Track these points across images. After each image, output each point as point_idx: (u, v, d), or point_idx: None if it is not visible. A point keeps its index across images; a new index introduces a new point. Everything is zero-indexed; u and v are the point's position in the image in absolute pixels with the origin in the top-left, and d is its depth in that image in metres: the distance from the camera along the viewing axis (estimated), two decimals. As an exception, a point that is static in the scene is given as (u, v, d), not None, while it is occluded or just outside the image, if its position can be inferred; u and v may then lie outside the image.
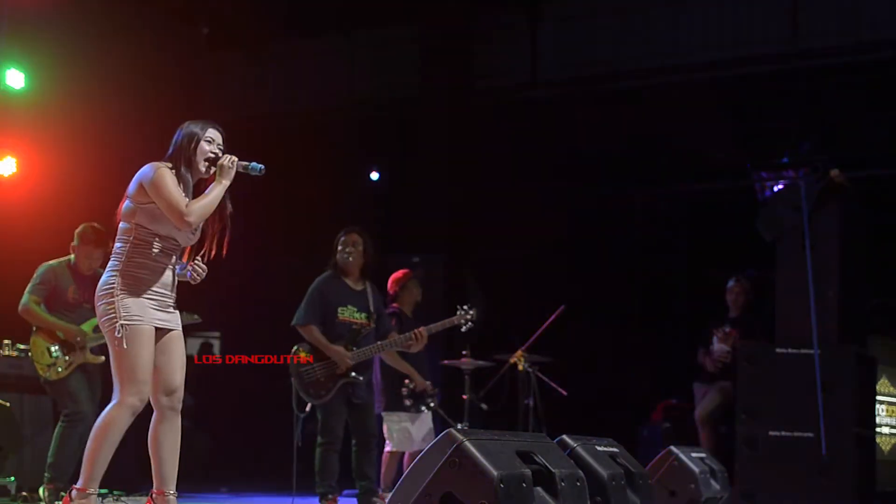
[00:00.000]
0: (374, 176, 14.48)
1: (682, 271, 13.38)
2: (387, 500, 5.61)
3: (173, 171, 5.63)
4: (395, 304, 8.98)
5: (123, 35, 12.68)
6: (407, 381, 8.75)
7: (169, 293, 5.67)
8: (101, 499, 8.31)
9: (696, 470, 7.22)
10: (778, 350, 9.23)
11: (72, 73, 11.35)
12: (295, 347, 8.12)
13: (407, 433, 8.76)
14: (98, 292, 5.55)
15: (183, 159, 5.70)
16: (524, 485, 4.50)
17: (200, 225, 5.77)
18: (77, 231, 8.14)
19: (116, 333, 5.43)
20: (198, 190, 5.76)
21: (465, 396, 9.15)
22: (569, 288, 11.94)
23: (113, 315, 5.45)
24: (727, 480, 7.92)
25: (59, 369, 7.86)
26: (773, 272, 9.67)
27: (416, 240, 12.83)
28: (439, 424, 8.92)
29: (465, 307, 8.43)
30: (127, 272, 5.51)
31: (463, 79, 13.83)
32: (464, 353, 9.12)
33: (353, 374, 7.97)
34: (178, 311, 5.78)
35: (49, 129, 11.02)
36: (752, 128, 12.62)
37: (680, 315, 12.38)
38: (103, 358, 7.96)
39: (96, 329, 8.05)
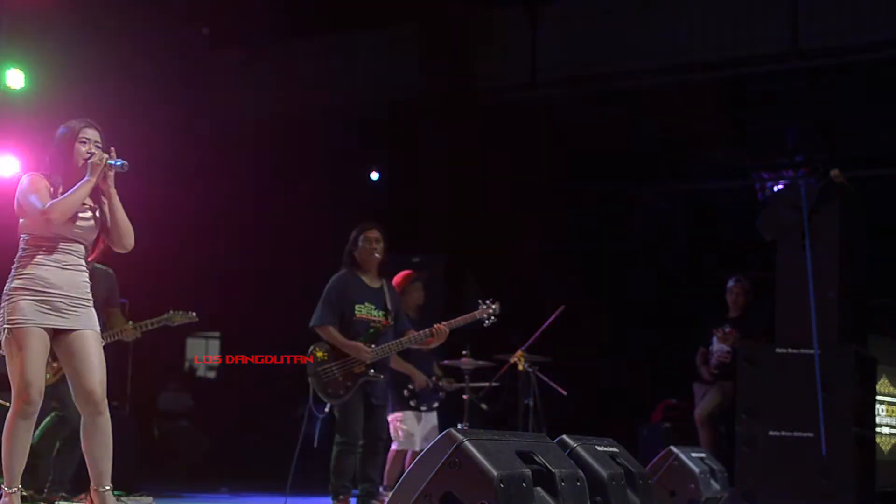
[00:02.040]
0: (375, 176, 14.49)
1: (681, 271, 13.38)
2: (386, 501, 5.61)
3: (48, 176, 5.69)
4: None
5: (124, 35, 12.69)
6: (410, 380, 8.76)
7: (72, 294, 5.62)
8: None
9: (697, 470, 7.22)
10: (778, 350, 9.22)
11: (72, 73, 11.36)
12: (311, 347, 7.95)
13: (412, 432, 8.77)
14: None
15: (60, 162, 5.75)
16: (524, 485, 4.49)
17: (93, 221, 5.76)
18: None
19: (3, 335, 5.51)
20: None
21: (465, 396, 9.14)
22: (569, 287, 11.95)
23: (1, 320, 5.53)
24: (727, 480, 7.93)
25: (48, 375, 7.84)
26: (772, 272, 9.66)
27: (416, 240, 12.83)
28: (444, 423, 8.91)
29: (487, 301, 8.32)
30: (20, 276, 5.56)
31: (463, 79, 13.85)
32: (464, 352, 9.11)
33: (373, 371, 7.84)
34: (88, 311, 5.71)
35: (49, 129, 11.00)
36: (752, 127, 12.63)
37: (680, 315, 12.37)
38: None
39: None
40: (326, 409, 7.97)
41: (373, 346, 7.86)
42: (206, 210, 14.09)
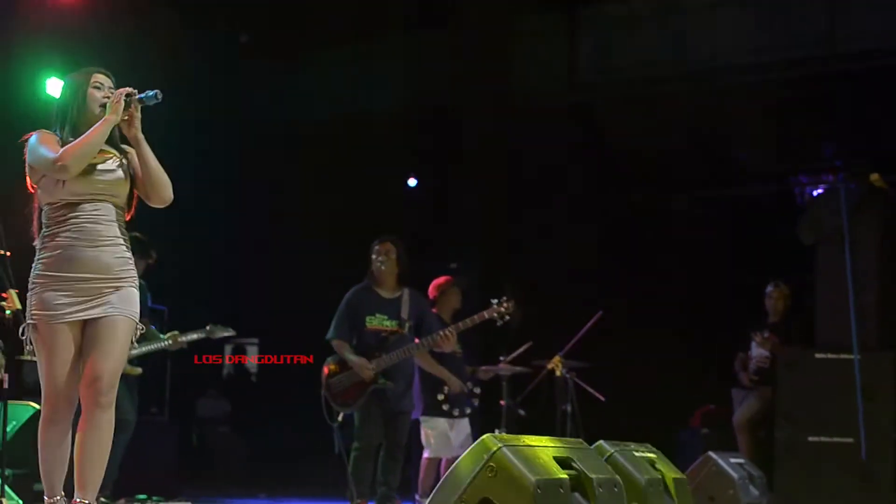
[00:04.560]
0: (412, 182, 14.50)
1: (720, 276, 13.31)
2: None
3: (60, 133, 5.01)
4: (433, 310, 8.99)
5: (161, 43, 12.76)
6: (444, 385, 8.75)
7: (102, 276, 4.92)
8: (140, 504, 8.37)
9: (735, 476, 7.18)
10: (817, 355, 9.16)
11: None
12: (327, 360, 8.26)
13: (445, 438, 8.76)
14: None
15: (73, 116, 5.05)
16: (561, 491, 4.48)
17: (120, 171, 5.05)
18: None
19: (21, 334, 4.99)
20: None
21: (502, 402, 9.15)
22: (606, 293, 11.92)
23: (27, 313, 4.97)
24: (766, 486, 7.88)
25: None
26: (812, 277, 9.61)
27: (453, 246, 12.84)
28: (477, 430, 8.91)
29: (498, 299, 8.37)
30: (43, 260, 4.94)
31: (500, 84, 13.84)
32: (501, 358, 9.13)
33: (382, 380, 8.04)
34: (123, 293, 5.01)
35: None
36: (791, 131, 12.55)
37: (718, 320, 12.31)
38: (140, 370, 8.02)
39: (138, 339, 8.08)
40: (340, 419, 8.15)
41: (383, 355, 8.04)
42: (243, 216, 14.14)
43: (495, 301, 8.34)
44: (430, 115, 14.19)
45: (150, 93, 5.02)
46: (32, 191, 5.05)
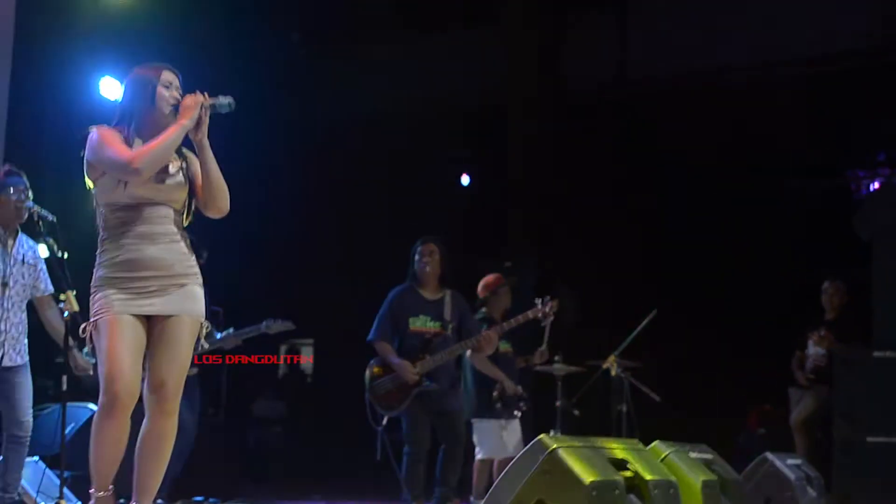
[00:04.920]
0: (465, 180, 14.50)
1: (776, 273, 13.20)
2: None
3: (125, 131, 4.89)
4: (483, 309, 8.97)
5: (216, 42, 12.85)
6: (497, 385, 8.73)
7: (164, 273, 4.85)
8: (196, 505, 8.43)
9: (793, 477, 7.12)
10: (875, 354, 9.05)
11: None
12: (370, 362, 8.22)
13: (497, 440, 8.74)
14: None
15: (139, 114, 4.92)
16: (617, 492, 4.47)
17: (181, 177, 4.96)
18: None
19: (82, 333, 4.87)
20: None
21: (557, 403, 9.13)
22: (661, 291, 11.86)
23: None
24: (824, 487, 7.81)
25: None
26: (869, 272, 9.50)
27: (507, 244, 12.82)
28: (531, 431, 8.89)
29: (542, 299, 8.35)
30: (104, 263, 4.84)
31: (552, 79, 13.82)
32: (556, 358, 9.11)
33: (427, 382, 8.01)
34: (186, 290, 4.97)
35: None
36: (847, 125, 12.43)
37: (774, 318, 12.21)
38: (196, 370, 8.06)
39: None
40: (384, 422, 8.13)
41: (427, 356, 8.01)
42: (298, 215, 14.20)
43: (539, 301, 8.32)
44: (481, 112, 14.19)
45: (225, 101, 4.97)
46: (91, 187, 4.93)
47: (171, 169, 4.90)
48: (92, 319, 4.80)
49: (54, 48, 11.19)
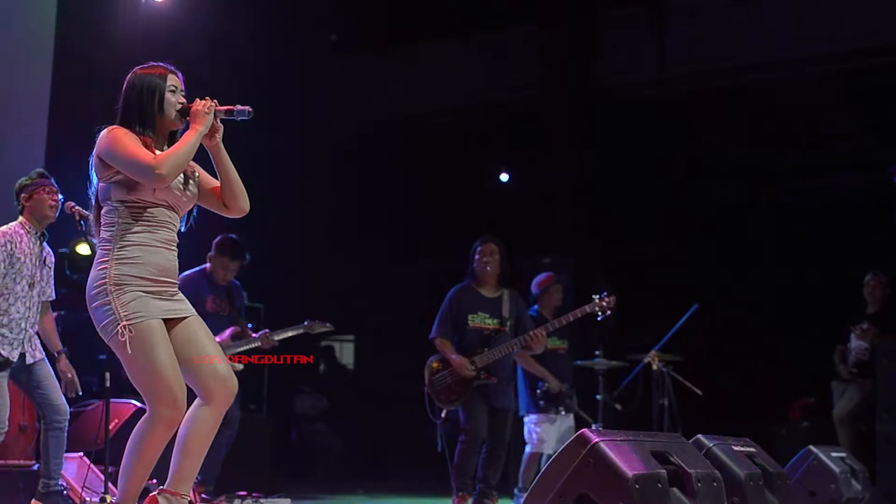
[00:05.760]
0: (504, 177, 14.50)
1: (818, 266, 13.13)
2: (522, 502, 5.62)
3: (139, 134, 4.80)
4: (535, 307, 9.02)
5: (253, 41, 12.90)
6: (542, 383, 8.78)
7: (172, 280, 4.83)
8: (240, 500, 8.47)
9: (837, 470, 7.09)
10: (919, 345, 8.99)
11: (201, 79, 11.57)
12: (430, 358, 8.32)
13: (546, 435, 8.79)
14: (89, 291, 4.76)
15: (145, 120, 4.84)
16: (660, 485, 4.46)
17: (197, 188, 4.95)
18: (216, 242, 8.29)
19: (120, 337, 4.62)
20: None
21: (598, 397, 9.14)
22: (701, 286, 11.83)
23: (112, 316, 4.65)
24: (868, 480, 7.77)
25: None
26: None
27: (545, 240, 12.81)
28: (581, 426, 8.91)
29: (599, 294, 8.38)
30: (126, 259, 4.71)
31: (586, 78, 13.80)
32: (597, 353, 9.11)
33: (484, 376, 8.09)
34: (185, 300, 4.91)
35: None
36: (885, 119, 12.34)
37: (816, 311, 12.15)
38: (241, 366, 8.10)
39: (234, 338, 8.19)
40: (443, 415, 8.23)
41: (485, 350, 8.13)
42: (337, 214, 14.24)
43: (596, 296, 8.33)
44: (519, 110, 14.18)
45: (244, 110, 4.87)
46: (103, 184, 4.81)
47: (192, 180, 4.92)
48: (127, 322, 4.63)
49: (93, 54, 11.28)
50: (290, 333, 8.35)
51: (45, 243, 6.92)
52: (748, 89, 13.04)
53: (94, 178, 4.84)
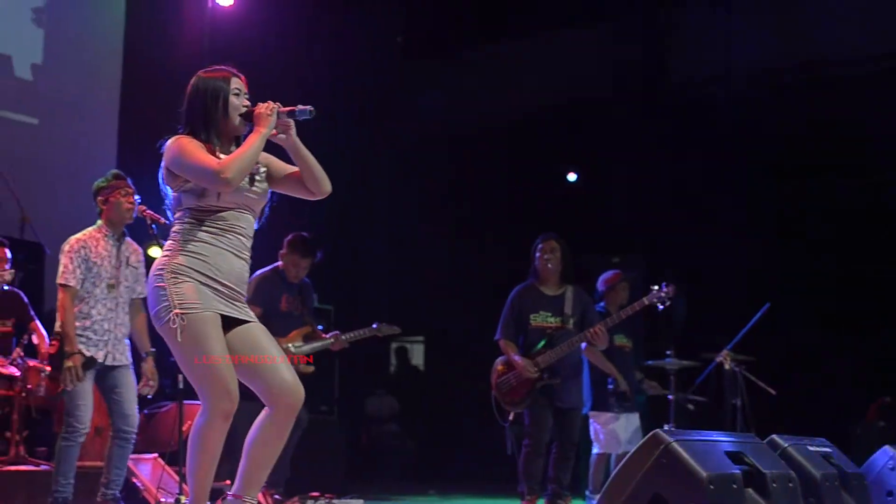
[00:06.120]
0: (572, 177, 14.46)
1: (893, 264, 12.96)
2: (595, 502, 5.59)
3: (203, 139, 4.82)
4: (601, 304, 8.96)
5: (320, 44, 12.97)
6: (612, 380, 8.71)
7: (235, 286, 4.79)
8: (313, 501, 8.51)
9: (915, 470, 6.98)
10: None
11: (269, 76, 11.65)
12: (496, 361, 8.32)
13: (614, 434, 8.72)
14: (149, 279, 4.81)
15: (210, 124, 4.86)
16: (734, 486, 4.42)
17: (266, 184, 4.96)
18: (287, 240, 8.33)
19: (171, 325, 4.63)
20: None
21: (670, 397, 9.07)
22: (774, 284, 11.71)
23: (166, 303, 4.67)
24: (948, 481, 7.64)
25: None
26: None
27: (615, 240, 12.76)
28: (646, 425, 8.84)
29: (659, 285, 8.31)
30: (185, 251, 4.74)
31: (655, 75, 13.74)
32: (668, 353, 9.04)
33: (547, 376, 8.08)
34: (246, 306, 4.87)
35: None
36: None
37: (892, 310, 11.99)
38: (312, 367, 8.13)
39: (306, 337, 8.23)
40: (510, 417, 8.20)
41: (548, 350, 8.10)
42: (406, 215, 14.27)
43: (656, 287, 8.27)
44: (588, 109, 14.13)
45: (305, 109, 4.84)
46: (175, 193, 4.85)
47: (257, 177, 4.92)
48: (181, 310, 4.63)
49: (161, 55, 11.40)
50: (359, 336, 8.40)
51: (126, 242, 6.98)
52: (817, 84, 12.89)
53: (168, 191, 4.86)
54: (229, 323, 4.76)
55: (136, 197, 6.89)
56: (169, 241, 4.81)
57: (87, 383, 6.67)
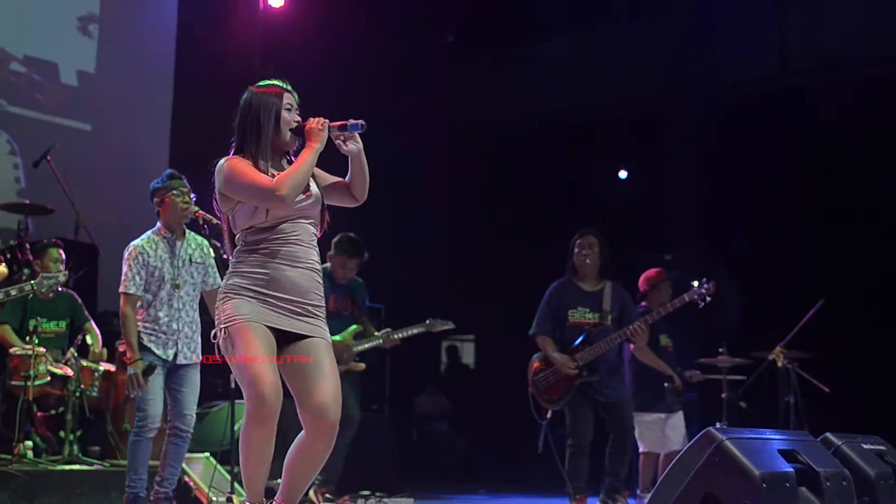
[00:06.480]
0: (623, 174, 14.43)
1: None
2: (646, 502, 5.57)
3: (251, 156, 4.85)
4: (644, 303, 8.87)
5: (371, 43, 13.01)
6: (662, 378, 8.63)
7: (299, 299, 4.81)
8: (364, 500, 8.54)
9: (971, 467, 6.90)
10: None
11: (320, 77, 11.71)
12: (533, 357, 8.27)
13: (659, 433, 8.66)
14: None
15: (261, 139, 4.89)
16: (787, 484, 4.39)
17: (319, 192, 4.96)
18: (334, 241, 8.36)
19: (214, 339, 4.79)
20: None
21: (723, 395, 9.01)
22: (828, 281, 11.62)
23: (217, 321, 4.81)
24: None
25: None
26: None
27: (667, 237, 12.71)
28: (697, 423, 8.79)
29: (700, 281, 8.24)
30: (239, 272, 4.81)
31: (707, 72, 13.66)
32: (720, 350, 8.98)
33: (586, 373, 7.99)
34: (317, 321, 4.89)
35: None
36: None
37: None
38: (363, 365, 8.16)
39: (356, 336, 8.26)
40: (549, 416, 8.17)
41: (587, 347, 8.02)
42: (455, 213, 14.29)
43: (696, 282, 8.20)
44: (640, 107, 14.09)
45: (357, 124, 4.83)
46: (222, 216, 4.94)
47: (310, 185, 4.93)
48: (221, 326, 4.73)
49: (213, 57, 11.48)
50: (411, 332, 8.41)
51: (187, 240, 7.00)
52: (871, 81, 12.77)
53: (224, 213, 4.91)
54: (291, 337, 4.79)
55: (192, 196, 6.93)
56: (231, 264, 4.89)
57: (157, 379, 6.73)
